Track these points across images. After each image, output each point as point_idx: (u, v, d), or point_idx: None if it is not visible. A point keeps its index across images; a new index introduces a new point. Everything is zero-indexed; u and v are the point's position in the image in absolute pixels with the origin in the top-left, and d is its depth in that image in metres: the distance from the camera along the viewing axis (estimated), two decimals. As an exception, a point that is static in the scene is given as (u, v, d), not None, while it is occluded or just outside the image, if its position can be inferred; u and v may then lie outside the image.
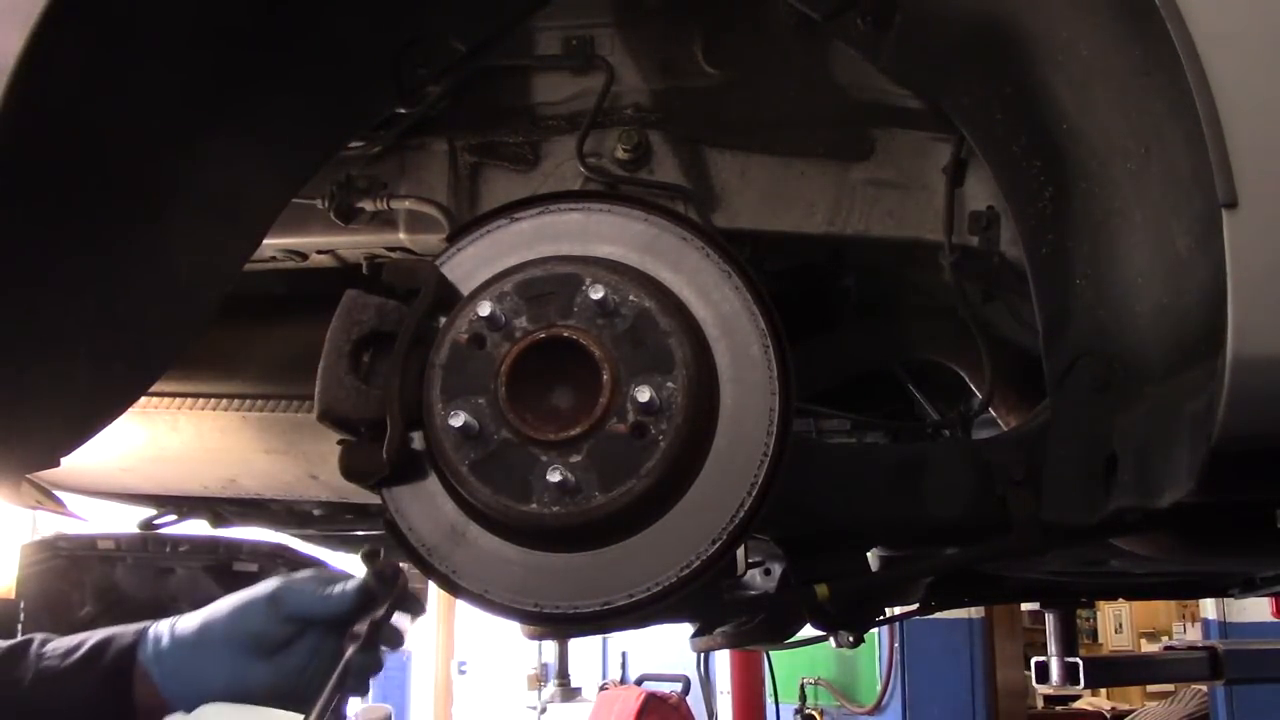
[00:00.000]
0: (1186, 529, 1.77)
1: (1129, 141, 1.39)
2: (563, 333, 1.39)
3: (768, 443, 1.39)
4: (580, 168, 1.80)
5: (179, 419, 2.43)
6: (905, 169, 1.79)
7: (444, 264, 1.49)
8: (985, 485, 1.65)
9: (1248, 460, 1.19)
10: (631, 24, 1.85)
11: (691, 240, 1.47)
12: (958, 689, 9.01)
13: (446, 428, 1.36)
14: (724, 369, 1.41)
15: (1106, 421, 1.45)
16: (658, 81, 1.84)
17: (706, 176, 1.82)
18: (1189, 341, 1.28)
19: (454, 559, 1.41)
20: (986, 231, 1.72)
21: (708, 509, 1.38)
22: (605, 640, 12.28)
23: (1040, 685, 4.52)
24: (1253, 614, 8.39)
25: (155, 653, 1.43)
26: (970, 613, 8.83)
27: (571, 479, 1.33)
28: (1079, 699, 11.17)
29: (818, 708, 9.65)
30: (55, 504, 2.64)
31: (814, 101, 1.81)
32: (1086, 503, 1.48)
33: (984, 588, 3.19)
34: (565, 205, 1.51)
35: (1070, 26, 1.45)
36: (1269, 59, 1.16)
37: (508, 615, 1.42)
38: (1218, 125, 1.14)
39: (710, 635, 2.67)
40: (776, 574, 2.52)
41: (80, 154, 1.43)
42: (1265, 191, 1.13)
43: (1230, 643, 5.42)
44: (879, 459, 1.82)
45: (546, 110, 1.88)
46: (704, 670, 6.22)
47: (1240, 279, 1.12)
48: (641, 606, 1.37)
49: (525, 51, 1.86)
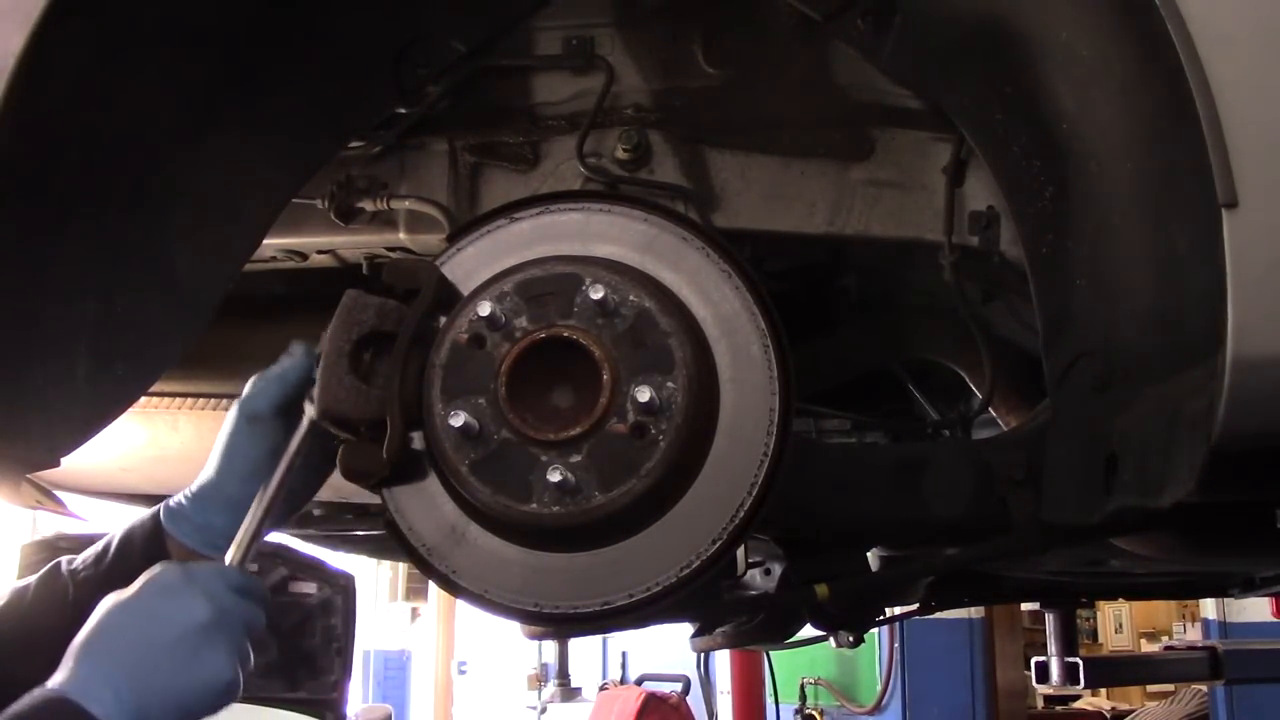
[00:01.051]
0: (1186, 529, 1.77)
1: (1129, 141, 1.39)
2: (563, 333, 1.39)
3: (768, 443, 1.39)
4: (580, 168, 1.80)
5: (179, 419, 2.43)
6: (905, 169, 1.79)
7: (444, 264, 1.49)
8: (985, 485, 1.65)
9: (1248, 460, 1.19)
10: (631, 24, 1.84)
11: (691, 240, 1.47)
12: (958, 689, 9.01)
13: (446, 428, 1.35)
14: (724, 369, 1.41)
15: (1106, 421, 1.45)
16: (658, 81, 1.84)
17: (706, 176, 1.82)
18: (1189, 341, 1.28)
19: (454, 559, 1.41)
20: (986, 231, 1.73)
21: (708, 509, 1.37)
22: (605, 640, 12.28)
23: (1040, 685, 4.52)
24: (1253, 614, 8.39)
25: (178, 519, 1.47)
26: (970, 613, 8.84)
27: (571, 479, 1.33)
28: (1079, 699, 11.18)
29: (818, 708, 9.65)
30: (55, 504, 2.63)
31: (814, 101, 1.81)
32: (1087, 503, 1.48)
33: (984, 588, 3.19)
34: (565, 205, 1.51)
35: (1070, 26, 1.45)
36: (1269, 59, 1.16)
37: (508, 615, 1.42)
38: (1218, 125, 1.14)
39: (710, 635, 2.67)
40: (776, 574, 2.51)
41: (80, 154, 1.43)
42: (1265, 191, 1.13)
43: (1230, 643, 5.42)
44: (879, 459, 1.82)
45: (546, 110, 1.88)
46: (704, 670, 6.22)
47: (1240, 279, 1.12)
48: (641, 606, 1.37)
49: (525, 51, 1.86)
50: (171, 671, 1.29)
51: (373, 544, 3.48)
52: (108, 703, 1.24)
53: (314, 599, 5.34)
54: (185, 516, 1.47)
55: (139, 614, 1.31)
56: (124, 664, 1.28)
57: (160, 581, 1.32)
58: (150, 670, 1.28)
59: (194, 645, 1.30)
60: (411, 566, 1.44)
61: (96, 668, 1.27)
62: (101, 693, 1.25)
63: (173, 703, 1.29)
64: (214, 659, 1.31)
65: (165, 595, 1.32)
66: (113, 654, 1.28)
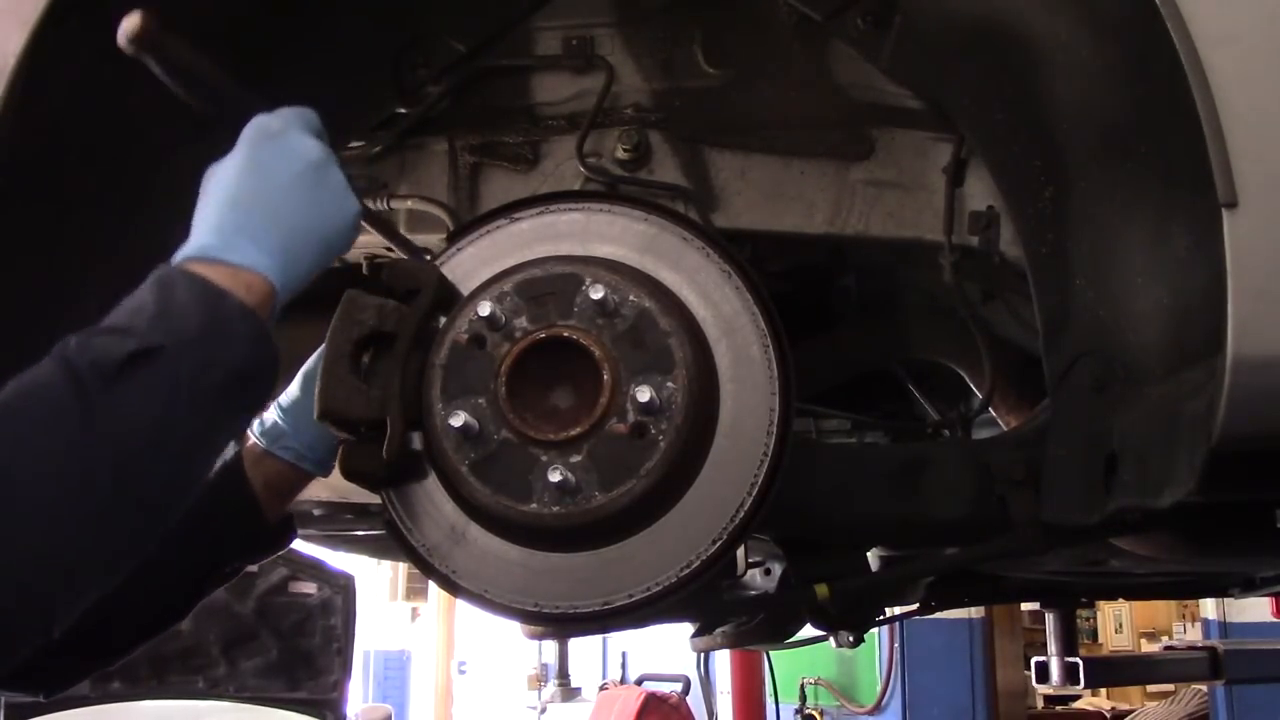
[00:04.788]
0: (1186, 529, 1.77)
1: (1129, 141, 1.39)
2: (563, 333, 1.39)
3: (768, 443, 1.39)
4: (580, 168, 1.80)
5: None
6: (905, 169, 1.79)
7: (444, 264, 1.49)
8: (985, 485, 1.65)
9: (1248, 460, 1.19)
10: (631, 24, 1.84)
11: (692, 240, 1.47)
12: (958, 689, 9.01)
13: (446, 428, 1.35)
14: (724, 369, 1.41)
15: (1106, 421, 1.45)
16: (658, 81, 1.84)
17: (706, 176, 1.82)
18: (1189, 341, 1.28)
19: (454, 559, 1.41)
20: (986, 231, 1.72)
21: (708, 509, 1.38)
22: (605, 640, 12.29)
23: (1040, 685, 4.52)
24: (1253, 614, 8.38)
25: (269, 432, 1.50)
26: (970, 613, 8.83)
27: (571, 479, 1.33)
28: (1079, 699, 11.17)
29: (818, 708, 9.65)
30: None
31: (814, 101, 1.80)
32: (1086, 503, 1.48)
33: (984, 588, 3.18)
34: (565, 205, 1.51)
35: (1070, 26, 1.45)
36: (1269, 59, 1.16)
37: (508, 615, 1.42)
38: (1218, 125, 1.14)
39: (710, 635, 2.67)
40: (776, 574, 2.52)
41: (80, 154, 1.43)
42: (1265, 191, 1.13)
43: (1230, 643, 5.42)
44: (879, 459, 1.82)
45: (546, 110, 1.88)
46: (704, 670, 6.22)
47: (1240, 279, 1.12)
48: (641, 606, 1.37)
49: (525, 51, 1.86)
50: (301, 209, 1.24)
51: (373, 544, 3.47)
52: (248, 251, 1.18)
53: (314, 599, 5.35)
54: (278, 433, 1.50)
55: (249, 166, 1.24)
56: (253, 211, 1.21)
57: (257, 131, 1.27)
58: (281, 211, 1.22)
59: (315, 180, 1.26)
60: (411, 566, 1.44)
61: (224, 224, 1.19)
62: (237, 242, 1.18)
63: (314, 238, 1.25)
64: (337, 190, 1.28)
65: (270, 141, 1.26)
66: (237, 206, 1.21)
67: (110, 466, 1.04)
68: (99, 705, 4.83)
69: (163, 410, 1.08)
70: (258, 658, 5.27)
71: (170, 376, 1.09)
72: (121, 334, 1.09)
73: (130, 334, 1.09)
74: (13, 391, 1.04)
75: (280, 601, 5.29)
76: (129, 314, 1.12)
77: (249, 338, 1.15)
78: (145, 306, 1.12)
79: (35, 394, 1.04)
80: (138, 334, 1.09)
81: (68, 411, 1.03)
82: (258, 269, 1.19)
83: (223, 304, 1.14)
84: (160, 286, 1.14)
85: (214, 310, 1.13)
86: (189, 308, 1.12)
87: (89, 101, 1.40)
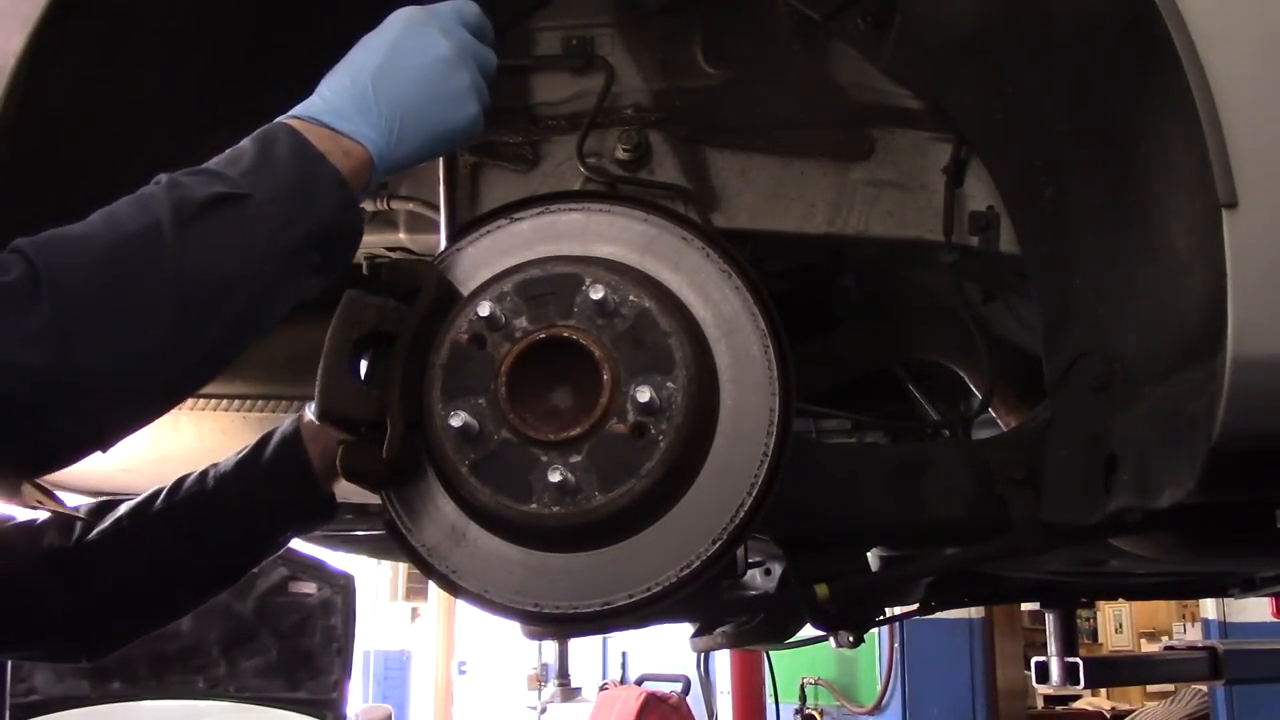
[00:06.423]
0: (1186, 529, 1.77)
1: (1129, 141, 1.39)
2: (563, 333, 1.39)
3: (768, 443, 1.39)
4: (580, 168, 1.80)
5: (179, 419, 2.43)
6: (905, 169, 1.79)
7: (444, 264, 1.49)
8: (985, 485, 1.65)
9: (1248, 460, 1.19)
10: (631, 24, 1.84)
11: (692, 240, 1.47)
12: (958, 689, 9.02)
13: (446, 428, 1.36)
14: (724, 369, 1.41)
15: (1106, 421, 1.45)
16: (658, 81, 1.83)
17: (706, 176, 1.82)
18: (1189, 341, 1.28)
19: (454, 559, 1.41)
20: (986, 231, 1.72)
21: (708, 509, 1.38)
22: (605, 640, 12.29)
23: (1040, 685, 4.52)
24: (1253, 614, 8.39)
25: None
26: (970, 613, 8.84)
27: (571, 479, 1.33)
28: (1079, 699, 11.18)
29: (818, 708, 9.66)
30: (55, 504, 2.63)
31: (814, 101, 1.80)
32: (1086, 503, 1.48)
33: (984, 588, 3.19)
34: (565, 205, 1.52)
35: (1070, 26, 1.45)
36: (1269, 59, 1.16)
37: (508, 615, 1.42)
38: (1218, 125, 1.14)
39: (710, 635, 2.67)
40: (776, 574, 2.51)
41: (80, 154, 1.43)
42: (1265, 191, 1.13)
43: (1230, 643, 5.42)
44: (879, 459, 1.82)
45: (546, 110, 1.87)
46: (704, 670, 6.22)
47: (1240, 279, 1.12)
48: (641, 607, 1.37)
49: (525, 51, 1.86)
50: (420, 94, 1.29)
51: (373, 544, 3.47)
52: (354, 120, 1.24)
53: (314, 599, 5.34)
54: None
55: (381, 48, 1.30)
56: (369, 87, 1.27)
57: (404, 18, 1.32)
58: (397, 95, 1.28)
59: (442, 74, 1.31)
60: (411, 566, 1.44)
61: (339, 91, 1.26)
62: (347, 110, 1.24)
63: (427, 124, 1.30)
64: (461, 88, 1.33)
65: (409, 28, 1.32)
66: (357, 79, 1.27)
67: (174, 296, 1.09)
68: (99, 705, 4.82)
69: (234, 256, 1.13)
70: (258, 658, 5.26)
71: (250, 226, 1.14)
72: (213, 176, 1.16)
73: (222, 179, 1.15)
74: (102, 214, 1.11)
75: (280, 601, 5.29)
76: (228, 160, 1.18)
77: (336, 203, 1.21)
78: (243, 156, 1.18)
79: (118, 213, 1.11)
80: (229, 180, 1.15)
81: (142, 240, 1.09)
82: (358, 137, 1.25)
83: (317, 167, 1.20)
84: (263, 139, 1.20)
85: (308, 170, 1.20)
86: (284, 164, 1.18)
87: (89, 101, 1.40)
